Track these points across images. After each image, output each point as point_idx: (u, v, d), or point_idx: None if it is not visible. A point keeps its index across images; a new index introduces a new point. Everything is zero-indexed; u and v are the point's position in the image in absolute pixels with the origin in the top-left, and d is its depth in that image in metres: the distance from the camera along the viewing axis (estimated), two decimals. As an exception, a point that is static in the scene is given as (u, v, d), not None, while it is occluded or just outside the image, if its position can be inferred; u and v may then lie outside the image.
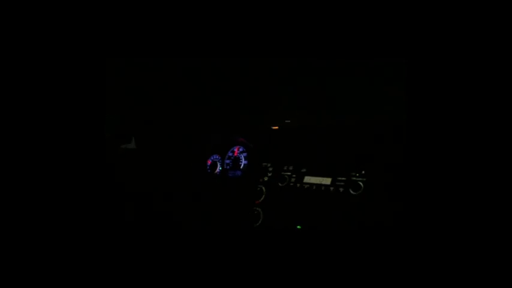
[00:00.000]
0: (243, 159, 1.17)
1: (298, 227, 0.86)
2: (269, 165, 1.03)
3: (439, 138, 0.52)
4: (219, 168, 1.23)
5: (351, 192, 0.81)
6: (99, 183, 0.66)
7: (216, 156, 1.26)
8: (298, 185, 0.92)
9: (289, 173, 0.96)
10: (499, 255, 0.46)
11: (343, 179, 0.84)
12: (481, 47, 0.49)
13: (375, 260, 0.70)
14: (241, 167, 1.16)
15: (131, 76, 0.90)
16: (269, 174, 1.01)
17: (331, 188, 0.85)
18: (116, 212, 1.07)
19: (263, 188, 0.99)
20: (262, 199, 0.98)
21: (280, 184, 0.96)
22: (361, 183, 0.80)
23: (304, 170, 0.94)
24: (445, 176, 0.52)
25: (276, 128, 1.13)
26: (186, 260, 0.95)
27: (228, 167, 1.21)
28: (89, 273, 0.63)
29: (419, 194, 0.55)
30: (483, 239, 0.49)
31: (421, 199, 0.55)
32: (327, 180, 0.87)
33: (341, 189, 0.83)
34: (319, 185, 0.88)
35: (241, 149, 1.19)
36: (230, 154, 1.22)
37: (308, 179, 0.91)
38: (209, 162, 1.26)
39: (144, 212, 1.14)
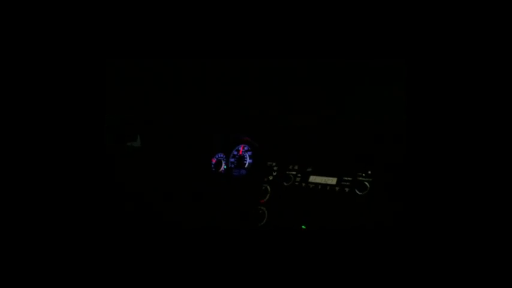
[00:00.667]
0: (248, 158, 1.16)
1: (303, 226, 0.85)
2: (274, 164, 1.03)
3: (439, 138, 0.52)
4: (223, 167, 1.23)
5: (357, 192, 0.80)
6: (102, 183, 0.66)
7: (220, 155, 1.26)
8: (303, 184, 0.91)
9: (294, 173, 0.96)
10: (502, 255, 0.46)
11: (349, 179, 0.84)
12: (479, 47, 0.48)
13: (380, 260, 0.70)
14: (246, 165, 1.16)
15: (131, 77, 0.90)
16: (274, 174, 1.01)
17: (337, 188, 0.84)
18: (119, 212, 1.07)
19: (268, 187, 0.99)
20: (267, 198, 0.98)
21: (285, 183, 0.95)
22: (367, 183, 0.79)
23: (309, 170, 0.93)
24: (448, 176, 0.51)
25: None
26: (189, 259, 0.96)
27: (232, 165, 1.21)
28: (90, 273, 0.64)
29: (425, 195, 0.55)
30: (487, 237, 0.48)
31: (427, 199, 0.54)
32: (333, 180, 0.86)
33: (347, 189, 0.83)
34: (324, 185, 0.87)
35: (246, 148, 1.19)
36: (235, 153, 1.21)
37: (313, 179, 0.90)
38: (214, 160, 1.26)
39: (148, 211, 1.14)
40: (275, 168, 1.02)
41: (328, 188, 0.86)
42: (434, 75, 0.52)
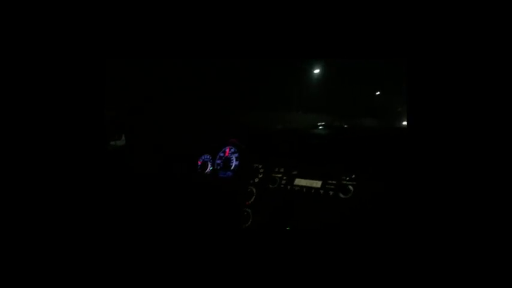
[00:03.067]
0: (234, 160, 1.16)
1: (288, 228, 0.86)
2: (260, 166, 1.04)
3: (443, 143, 0.52)
4: (209, 168, 1.23)
5: (341, 195, 0.82)
6: (94, 180, 0.67)
7: (206, 157, 1.25)
8: (288, 187, 0.92)
9: (280, 175, 0.97)
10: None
11: (333, 182, 0.85)
12: (480, 47, 0.49)
13: (363, 263, 0.71)
14: (232, 167, 1.16)
15: (127, 76, 0.90)
16: (260, 176, 1.01)
17: (321, 191, 0.86)
18: (105, 212, 1.05)
19: (253, 189, 0.99)
20: (252, 200, 0.98)
21: (270, 186, 0.96)
22: (351, 187, 0.81)
23: (295, 173, 0.94)
24: (432, 180, 0.53)
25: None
26: (175, 259, 0.95)
27: (218, 167, 1.20)
28: (85, 274, 0.63)
29: (408, 198, 0.56)
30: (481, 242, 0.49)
31: (410, 203, 0.56)
32: (317, 183, 0.88)
33: (331, 193, 0.84)
34: (309, 188, 0.88)
35: (232, 150, 1.19)
36: (221, 154, 1.21)
37: (298, 182, 0.91)
38: (199, 162, 1.25)
39: (133, 211, 1.12)
40: (261, 170, 1.03)
41: (312, 191, 0.87)
42: (433, 76, 0.52)
